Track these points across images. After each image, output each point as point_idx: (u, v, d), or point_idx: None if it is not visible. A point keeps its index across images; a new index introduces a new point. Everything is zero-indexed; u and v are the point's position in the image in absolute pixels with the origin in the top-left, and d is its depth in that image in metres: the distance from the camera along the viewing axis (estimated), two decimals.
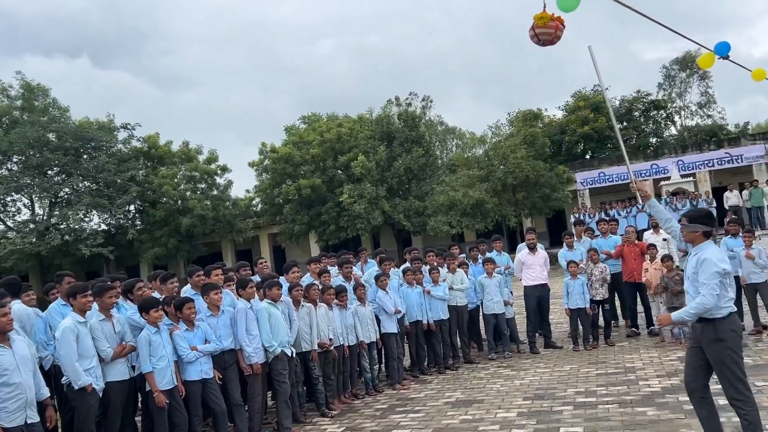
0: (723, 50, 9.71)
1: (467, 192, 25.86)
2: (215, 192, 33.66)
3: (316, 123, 36.53)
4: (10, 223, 31.28)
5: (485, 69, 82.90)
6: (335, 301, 7.76)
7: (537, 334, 9.95)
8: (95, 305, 5.82)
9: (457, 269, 9.50)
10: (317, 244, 32.28)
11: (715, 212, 21.51)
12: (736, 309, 4.67)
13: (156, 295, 6.78)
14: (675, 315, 4.87)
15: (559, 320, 11.37)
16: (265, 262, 9.27)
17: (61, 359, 5.41)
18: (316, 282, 7.88)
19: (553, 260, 11.70)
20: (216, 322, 6.48)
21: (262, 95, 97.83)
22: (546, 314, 10.03)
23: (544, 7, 5.97)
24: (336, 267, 9.25)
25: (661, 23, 7.22)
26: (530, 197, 27.04)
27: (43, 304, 6.90)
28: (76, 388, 5.34)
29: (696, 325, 4.69)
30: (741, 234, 9.39)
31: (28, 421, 4.53)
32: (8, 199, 30.91)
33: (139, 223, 33.38)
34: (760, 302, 9.04)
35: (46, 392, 4.98)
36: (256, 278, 8.30)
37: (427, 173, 31.22)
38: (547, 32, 5.76)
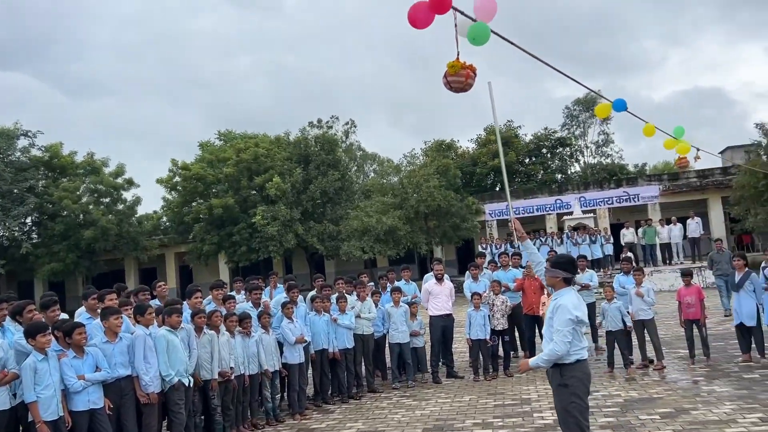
0: (620, 107, 10.40)
1: (381, 218, 26.12)
2: (120, 207, 32.24)
3: (232, 140, 35.91)
4: None
5: (402, 96, 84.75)
6: (238, 328, 7.63)
7: (440, 364, 10.14)
8: None
9: (367, 298, 9.58)
10: (227, 265, 31.52)
11: (611, 248, 22.84)
12: (586, 357, 4.68)
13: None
14: (531, 361, 4.79)
15: (462, 349, 11.62)
16: (165, 285, 8.96)
17: None
18: (220, 309, 7.73)
19: (460, 288, 12.01)
20: (112, 349, 6.21)
21: (173, 108, 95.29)
22: (450, 344, 10.25)
23: (458, 55, 6.22)
24: (244, 292, 9.12)
25: (556, 68, 7.64)
26: (441, 226, 27.66)
27: None
28: None
29: (548, 369, 4.75)
30: (632, 272, 10.00)
31: None
32: None
33: (35, 236, 31.48)
34: (647, 337, 9.62)
35: None
36: (156, 302, 8.05)
37: (342, 197, 31.31)
38: (458, 80, 5.98)
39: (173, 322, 6.63)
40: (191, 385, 6.68)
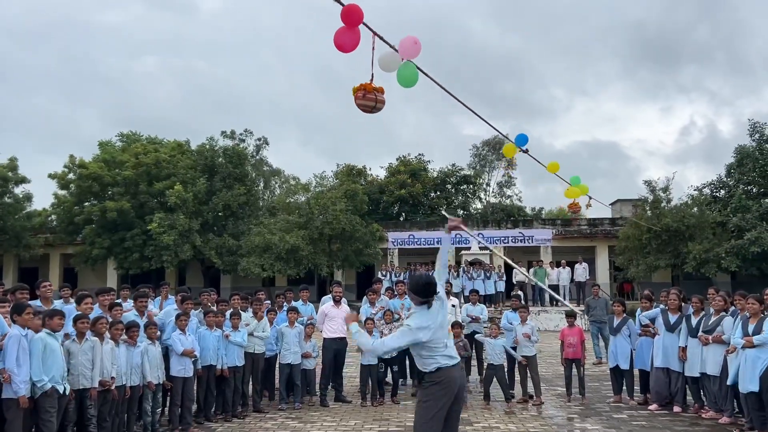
0: (522, 142, 11.03)
1: (284, 236, 25.93)
2: (8, 200, 30.01)
3: (134, 143, 34.58)
4: None
5: (315, 116, 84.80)
6: (123, 337, 7.34)
7: (329, 387, 10.15)
8: None
9: (263, 316, 9.49)
10: (116, 271, 30.05)
11: (504, 285, 23.80)
12: (448, 363, 4.84)
13: None
14: (353, 327, 4.98)
15: (353, 374, 11.68)
16: (50, 285, 8.49)
17: None
18: (105, 315, 7.42)
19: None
20: None
21: (69, 103, 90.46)
22: (341, 368, 10.30)
23: (372, 77, 6.41)
24: (130, 300, 8.79)
25: (468, 107, 8.04)
26: (344, 249, 27.79)
27: None
28: None
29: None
30: (518, 310, 10.51)
31: None
32: None
33: None
34: (529, 373, 10.07)
35: None
36: (37, 303, 7.62)
37: (246, 212, 30.83)
38: (367, 104, 6.15)
39: (54, 325, 6.30)
40: (66, 393, 6.34)
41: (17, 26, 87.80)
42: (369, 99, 6.18)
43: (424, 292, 4.85)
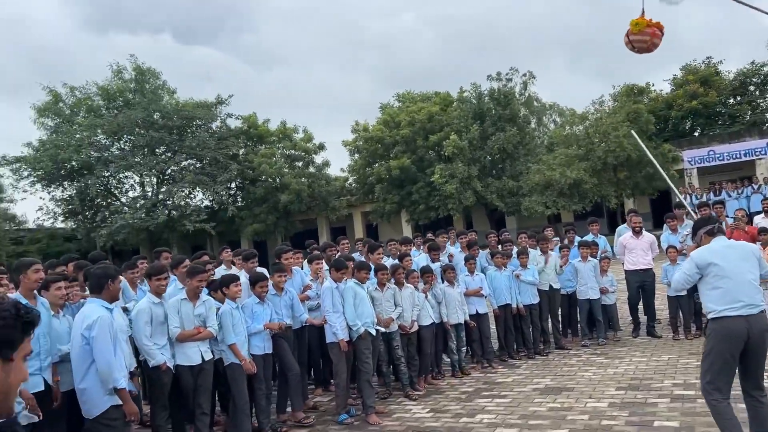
0: None
1: (564, 171, 24.97)
2: (312, 170, 34.38)
3: (410, 101, 36.37)
4: (123, 199, 33.38)
5: (582, 37, 79.21)
6: (420, 283, 7.74)
7: (638, 322, 9.48)
8: (172, 285, 6.08)
9: (552, 253, 9.23)
10: (408, 223, 32.39)
11: None
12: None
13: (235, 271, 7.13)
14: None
15: (659, 307, 10.74)
16: (347, 241, 9.50)
17: (136, 340, 5.55)
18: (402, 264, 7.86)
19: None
20: (279, 301, 6.75)
21: (345, 72, 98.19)
22: (650, 300, 9.45)
23: (642, 12, 5.57)
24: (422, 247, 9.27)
25: None
26: (633, 177, 25.76)
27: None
28: (151, 366, 5.53)
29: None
30: None
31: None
32: (120, 176, 32.95)
33: (239, 199, 34.70)
34: None
35: (133, 363, 5.23)
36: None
37: (521, 152, 30.43)
38: (642, 39, 5.40)
39: (361, 277, 6.87)
40: (377, 335, 6.90)
41: (283, 8, 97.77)
42: (644, 35, 5.43)
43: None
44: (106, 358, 4.40)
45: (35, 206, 49.17)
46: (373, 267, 7.32)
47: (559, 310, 9.43)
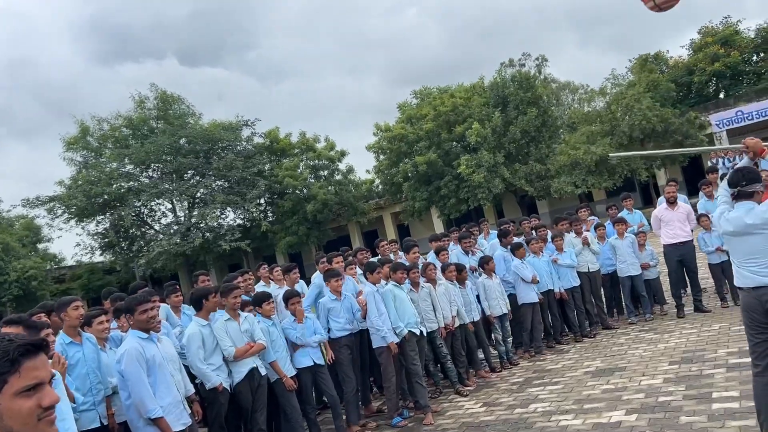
0: None
1: (589, 149, 24.69)
2: (337, 177, 34.56)
3: (428, 97, 36.32)
4: (156, 227, 34.00)
5: (590, 12, 77.72)
6: (454, 278, 7.73)
7: (683, 296, 9.29)
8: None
9: (587, 234, 9.14)
10: (439, 219, 32.31)
11: None
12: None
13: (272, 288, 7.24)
14: None
15: (702, 276, 10.51)
16: (386, 242, 9.42)
17: (190, 365, 5.63)
18: (434, 262, 7.86)
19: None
20: (339, 306, 6.74)
21: (354, 76, 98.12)
22: (692, 274, 9.02)
23: None
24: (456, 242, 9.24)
25: None
26: (661, 147, 25.33)
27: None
28: (207, 388, 5.61)
29: None
30: None
31: (182, 421, 4.72)
32: (152, 204, 33.55)
33: (270, 214, 35.05)
34: None
35: (191, 388, 5.29)
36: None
37: (544, 134, 30.14)
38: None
39: (397, 278, 6.88)
40: (422, 334, 6.91)
41: (293, 21, 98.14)
42: None
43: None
44: (136, 389, 4.50)
45: (71, 242, 50.44)
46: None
47: (602, 290, 9.32)
